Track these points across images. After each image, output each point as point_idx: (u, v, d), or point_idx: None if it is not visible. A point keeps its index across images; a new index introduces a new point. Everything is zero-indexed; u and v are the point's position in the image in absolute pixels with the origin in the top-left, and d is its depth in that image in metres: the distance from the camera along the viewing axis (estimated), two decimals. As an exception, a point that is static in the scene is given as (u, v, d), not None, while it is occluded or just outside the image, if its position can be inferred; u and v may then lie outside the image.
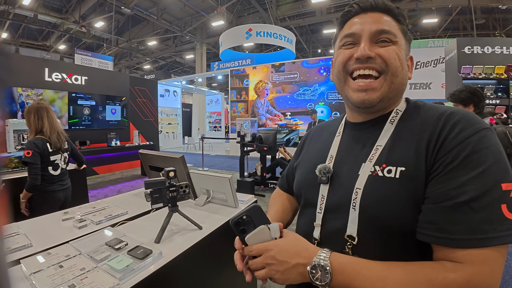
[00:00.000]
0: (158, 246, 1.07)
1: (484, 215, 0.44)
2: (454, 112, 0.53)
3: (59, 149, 2.32)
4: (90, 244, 1.04)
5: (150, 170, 2.00)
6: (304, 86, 9.98)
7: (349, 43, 0.62)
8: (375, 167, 0.56)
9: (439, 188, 0.48)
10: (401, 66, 0.59)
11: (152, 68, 23.35)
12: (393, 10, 0.61)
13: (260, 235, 0.55)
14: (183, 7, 14.16)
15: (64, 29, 14.90)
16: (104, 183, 5.91)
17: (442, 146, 0.50)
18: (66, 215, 1.39)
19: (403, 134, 0.57)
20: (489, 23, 15.09)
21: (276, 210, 0.82)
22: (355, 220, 0.55)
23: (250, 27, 12.06)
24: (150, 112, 8.63)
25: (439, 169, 0.49)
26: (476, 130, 0.49)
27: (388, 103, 0.61)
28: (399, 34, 0.60)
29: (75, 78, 6.28)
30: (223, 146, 14.01)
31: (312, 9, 14.24)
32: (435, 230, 0.47)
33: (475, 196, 0.44)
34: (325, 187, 0.64)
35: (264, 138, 5.30)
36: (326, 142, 0.73)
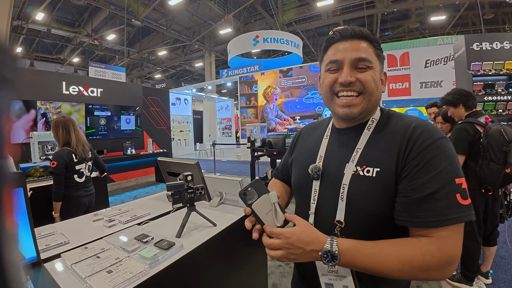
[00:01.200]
0: (179, 240, 1.22)
1: (444, 203, 0.60)
2: (417, 125, 0.69)
3: (84, 159, 2.53)
4: (121, 239, 1.20)
5: (168, 175, 2.17)
6: (312, 89, 10.09)
7: (334, 69, 0.75)
8: (357, 167, 0.72)
9: (409, 185, 0.64)
10: (376, 86, 0.73)
11: (163, 77, 23.91)
12: (369, 37, 0.74)
13: (262, 202, 0.69)
14: (191, 17, 14.55)
15: (77, 43, 15.53)
16: (121, 190, 6.16)
17: (410, 153, 0.66)
18: (96, 216, 1.57)
19: (378, 140, 0.73)
20: (498, 18, 14.78)
21: None
22: (343, 208, 0.71)
23: (257, 34, 12.30)
24: (163, 121, 8.91)
25: (408, 171, 0.65)
26: (434, 140, 0.65)
27: (366, 114, 0.77)
28: (374, 58, 0.73)
29: (91, 90, 6.61)
30: (234, 151, 14.20)
31: (318, 13, 14.37)
32: (410, 217, 0.63)
33: (436, 189, 0.60)
34: (317, 183, 0.79)
35: (273, 143, 5.44)
36: (315, 143, 0.87)
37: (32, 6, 11.85)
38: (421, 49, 9.60)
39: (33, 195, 2.84)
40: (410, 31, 16.17)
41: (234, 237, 1.48)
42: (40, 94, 5.72)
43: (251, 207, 0.69)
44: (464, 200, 0.60)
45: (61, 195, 2.35)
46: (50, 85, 5.90)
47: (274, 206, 0.69)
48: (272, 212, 0.69)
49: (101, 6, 11.84)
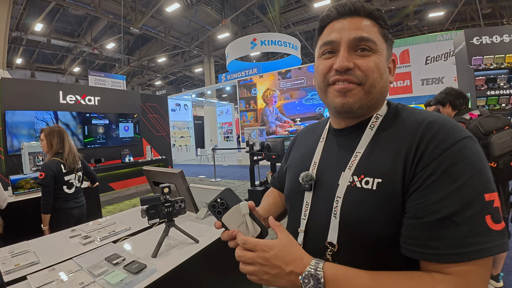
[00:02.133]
0: (154, 260, 1.12)
1: (467, 228, 0.43)
2: (433, 122, 0.52)
3: (73, 170, 2.45)
4: (91, 260, 1.11)
5: (154, 185, 2.08)
6: (312, 91, 10.00)
7: (328, 51, 0.61)
8: (354, 177, 0.57)
9: (420, 203, 0.47)
10: (380, 76, 0.58)
11: (163, 84, 23.99)
12: (373, 13, 0.60)
13: (233, 214, 0.60)
14: (188, 23, 14.58)
15: (77, 52, 15.62)
16: (121, 198, 6.09)
17: (420, 159, 0.49)
18: (73, 232, 1.48)
19: (382, 142, 0.58)
20: (496, 12, 14.66)
21: (267, 203, 0.87)
22: (336, 227, 0.56)
23: (255, 37, 12.26)
24: (162, 127, 8.86)
25: (418, 182, 0.49)
26: (455, 140, 0.48)
27: (368, 110, 0.61)
28: (379, 39, 0.59)
29: (88, 99, 6.56)
30: (235, 156, 14.12)
31: (315, 14, 14.31)
32: (420, 246, 0.47)
33: (456, 210, 0.44)
34: (309, 194, 0.65)
35: (272, 146, 5.34)
36: (310, 148, 0.73)
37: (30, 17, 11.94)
38: (420, 46, 9.51)
39: (24, 208, 2.78)
40: (409, 28, 16.07)
41: (219, 254, 1.37)
42: (37, 104, 5.68)
43: (221, 220, 0.60)
44: (496, 224, 0.43)
45: (50, 207, 2.27)
46: (47, 95, 5.87)
47: (245, 219, 0.59)
48: (244, 225, 0.60)
49: (100, 16, 11.88)
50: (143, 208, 1.22)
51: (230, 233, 0.59)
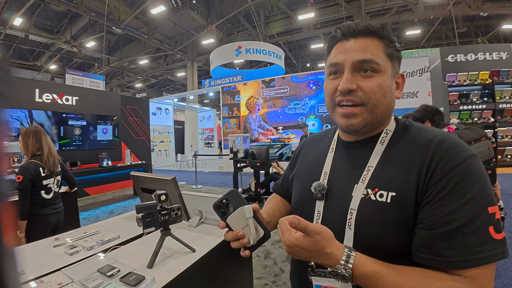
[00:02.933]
0: (151, 271, 1.07)
1: (475, 238, 0.49)
2: (442, 140, 0.57)
3: (52, 173, 2.31)
4: (82, 272, 1.03)
5: (142, 192, 2.00)
6: (295, 100, 10.15)
7: (333, 72, 0.65)
8: (368, 190, 0.60)
9: (432, 215, 0.52)
10: (384, 95, 0.61)
11: (144, 86, 23.45)
12: (377, 33, 0.62)
13: (237, 216, 0.61)
14: (173, 26, 14.45)
15: (55, 49, 14.98)
16: (96, 205, 5.81)
17: (433, 175, 0.54)
18: (57, 241, 1.38)
19: (394, 157, 0.61)
20: (471, 31, 15.74)
21: (269, 207, 0.87)
22: (351, 238, 0.59)
23: (240, 45, 12.33)
24: (142, 131, 8.62)
25: (430, 196, 0.53)
26: (463, 159, 0.53)
27: (374, 127, 0.65)
28: (383, 59, 0.61)
29: (65, 98, 6.27)
30: (217, 162, 13.98)
31: (299, 26, 14.67)
32: (432, 254, 0.51)
33: (465, 222, 0.49)
34: (321, 203, 0.68)
35: (256, 154, 5.34)
36: (319, 158, 0.76)
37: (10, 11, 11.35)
38: (397, 62, 10.04)
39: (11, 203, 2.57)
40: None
41: (216, 262, 1.34)
42: (10, 102, 5.35)
43: (226, 221, 0.62)
44: (497, 234, 0.49)
45: (26, 212, 2.12)
46: (22, 92, 5.54)
47: (249, 221, 0.60)
48: (247, 227, 0.61)
49: (81, 13, 11.48)
50: (138, 216, 1.16)
51: (234, 233, 0.61)
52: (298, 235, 0.54)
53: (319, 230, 0.54)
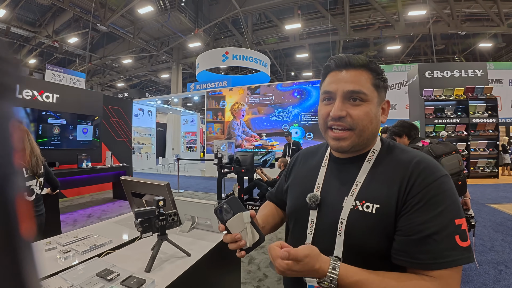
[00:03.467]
0: (149, 275, 1.10)
1: (443, 245, 0.58)
2: (420, 161, 0.67)
3: (35, 174, 2.25)
4: (80, 276, 1.05)
5: (132, 196, 2.00)
6: (279, 108, 10.31)
7: (327, 99, 0.74)
8: (356, 202, 0.69)
9: (408, 224, 0.62)
10: (370, 122, 0.70)
11: (126, 86, 22.94)
12: (366, 65, 0.71)
13: (236, 221, 0.68)
14: (160, 27, 14.32)
15: (36, 43, 14.42)
16: (73, 207, 5.63)
17: (411, 190, 0.64)
18: (49, 245, 1.36)
19: (379, 174, 0.70)
20: (449, 48, 16.69)
21: (264, 214, 0.95)
22: (341, 244, 0.68)
23: (227, 50, 12.40)
24: (124, 132, 8.43)
25: (408, 208, 0.63)
26: (436, 178, 0.63)
27: (361, 147, 0.74)
28: (370, 89, 0.70)
29: (46, 95, 6.06)
30: (199, 167, 13.86)
31: (286, 35, 14.97)
32: (408, 257, 0.61)
33: (436, 230, 0.59)
34: (314, 213, 0.76)
35: (241, 160, 5.38)
36: (313, 170, 0.84)
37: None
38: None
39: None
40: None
41: (208, 266, 1.38)
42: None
43: (225, 225, 0.69)
44: (463, 242, 0.59)
45: None
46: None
47: (247, 226, 0.68)
48: (245, 231, 0.68)
49: (66, 8, 11.12)
50: (137, 222, 1.18)
51: (233, 236, 0.69)
52: (289, 261, 0.60)
53: (307, 253, 0.61)
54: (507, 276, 2.59)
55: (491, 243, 3.40)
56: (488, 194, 6.38)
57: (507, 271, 2.69)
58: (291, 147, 6.81)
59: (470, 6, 12.42)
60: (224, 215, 0.69)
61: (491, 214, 4.79)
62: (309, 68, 19.56)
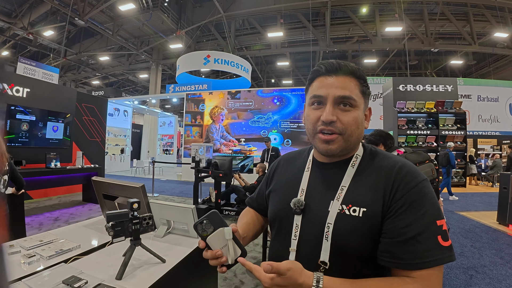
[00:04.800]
0: (121, 283, 1.04)
1: (426, 245, 0.60)
2: (402, 166, 0.70)
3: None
4: (45, 283, 0.98)
5: (103, 198, 1.92)
6: (259, 113, 10.37)
7: (316, 102, 0.74)
8: (343, 206, 0.69)
9: (393, 226, 0.64)
10: (357, 127, 0.72)
11: (102, 84, 22.12)
12: (355, 73, 0.72)
13: (217, 237, 0.66)
14: (141, 26, 14.00)
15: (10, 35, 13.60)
16: (39, 209, 5.30)
17: (395, 195, 0.66)
18: (12, 248, 1.27)
19: (363, 179, 0.72)
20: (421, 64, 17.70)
21: (244, 222, 0.93)
22: (328, 249, 0.68)
23: (209, 53, 12.33)
24: (97, 132, 8.08)
25: (392, 212, 0.65)
26: (417, 182, 0.66)
27: (347, 151, 0.75)
28: (358, 95, 0.72)
29: (16, 89, 5.72)
30: (175, 170, 13.57)
31: (267, 42, 15.16)
32: (392, 258, 0.63)
33: (419, 232, 0.61)
34: (299, 218, 0.75)
35: (219, 165, 5.33)
36: (296, 176, 0.84)
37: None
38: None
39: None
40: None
41: (184, 273, 1.34)
42: None
43: (205, 241, 0.66)
44: (445, 242, 0.62)
45: None
46: None
47: (228, 243, 0.66)
48: (226, 247, 0.66)
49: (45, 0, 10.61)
50: (108, 225, 1.13)
51: (213, 253, 0.66)
52: (272, 275, 0.60)
53: (289, 267, 0.60)
54: (478, 281, 2.72)
55: (460, 249, 3.57)
56: (457, 202, 6.77)
57: (478, 276, 2.83)
58: (270, 152, 6.85)
59: (443, 25, 13.23)
60: (204, 230, 0.66)
61: (459, 221, 5.07)
62: (289, 76, 19.89)
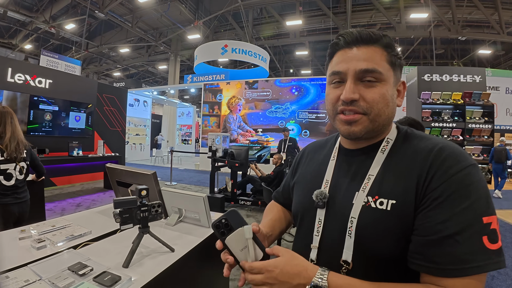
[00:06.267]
0: (127, 271, 1.01)
1: (467, 247, 0.48)
2: (443, 148, 0.57)
3: (14, 158, 2.14)
4: (51, 269, 0.95)
5: (117, 185, 1.91)
6: (276, 104, 10.21)
7: (336, 81, 0.64)
8: (368, 198, 0.60)
9: (426, 222, 0.52)
10: (386, 105, 0.61)
11: (122, 76, 22.63)
12: (379, 41, 0.61)
13: (236, 237, 0.58)
14: (159, 17, 14.07)
15: (32, 28, 14.11)
16: (62, 196, 5.50)
17: (430, 182, 0.54)
18: (23, 233, 1.27)
19: (394, 166, 0.61)
20: (448, 53, 16.70)
21: (270, 219, 0.85)
22: (351, 246, 0.59)
23: (226, 43, 12.23)
24: (118, 122, 8.27)
25: (426, 203, 0.53)
26: (461, 168, 0.53)
27: (375, 134, 0.65)
28: (385, 68, 0.61)
29: (39, 80, 5.90)
30: (193, 160, 13.74)
31: (286, 31, 14.82)
32: (424, 261, 0.51)
33: (459, 230, 0.49)
34: (322, 212, 0.67)
35: (236, 154, 5.30)
36: (320, 165, 0.76)
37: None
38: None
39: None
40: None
41: (194, 262, 1.29)
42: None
43: (224, 242, 0.59)
44: (492, 244, 0.49)
45: None
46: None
47: (248, 243, 0.58)
48: (246, 249, 0.58)
49: (64, -7, 10.87)
50: (115, 212, 1.09)
51: (231, 260, 0.59)
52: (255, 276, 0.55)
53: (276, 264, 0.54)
54: (499, 283, 2.57)
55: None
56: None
57: (500, 277, 2.67)
58: (287, 143, 6.73)
59: (471, 12, 12.36)
60: (223, 230, 0.59)
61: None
62: (308, 65, 19.44)
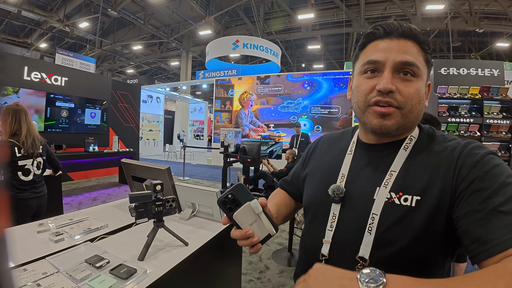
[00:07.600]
0: (142, 264, 1.02)
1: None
2: (467, 143, 0.57)
3: (31, 154, 2.20)
4: (68, 261, 0.98)
5: (132, 180, 1.94)
6: (288, 99, 10.13)
7: (370, 70, 0.62)
8: (391, 194, 0.58)
9: (467, 208, 0.49)
10: (419, 102, 0.60)
11: (135, 73, 22.96)
12: (418, 37, 0.60)
13: (245, 212, 0.58)
14: (171, 14, 14.13)
15: (47, 27, 14.44)
16: (79, 190, 5.66)
17: (460, 172, 0.53)
18: (42, 226, 1.30)
19: (418, 162, 0.59)
20: (465, 46, 16.05)
21: (275, 203, 0.84)
22: (369, 243, 0.57)
23: (237, 38, 12.19)
24: (132, 118, 8.42)
25: (462, 193, 0.51)
26: (485, 154, 0.53)
27: (403, 131, 0.63)
28: (422, 64, 0.59)
29: (54, 78, 6.05)
30: (205, 155, 13.86)
31: (298, 25, 14.63)
32: (481, 246, 0.45)
33: (502, 201, 0.46)
34: (337, 206, 0.65)
35: (248, 150, 5.30)
36: (336, 158, 0.73)
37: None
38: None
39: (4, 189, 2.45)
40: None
41: (208, 256, 1.30)
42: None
43: (232, 217, 0.58)
44: None
45: None
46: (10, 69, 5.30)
47: (259, 217, 0.57)
48: (256, 223, 0.58)
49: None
50: (131, 206, 1.11)
51: (244, 232, 0.58)
52: None
53: None
54: None
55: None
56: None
57: None
58: (299, 138, 6.68)
59: (488, 3, 11.83)
60: (230, 206, 0.58)
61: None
62: (320, 60, 19.15)
